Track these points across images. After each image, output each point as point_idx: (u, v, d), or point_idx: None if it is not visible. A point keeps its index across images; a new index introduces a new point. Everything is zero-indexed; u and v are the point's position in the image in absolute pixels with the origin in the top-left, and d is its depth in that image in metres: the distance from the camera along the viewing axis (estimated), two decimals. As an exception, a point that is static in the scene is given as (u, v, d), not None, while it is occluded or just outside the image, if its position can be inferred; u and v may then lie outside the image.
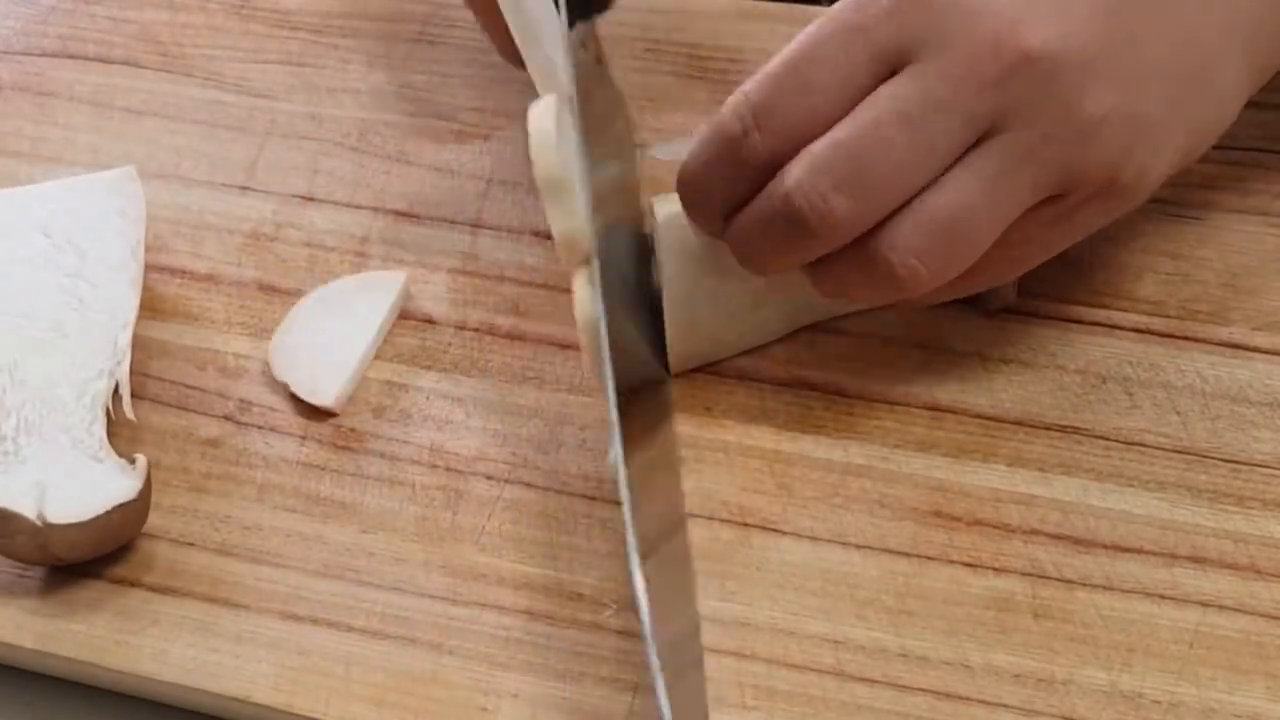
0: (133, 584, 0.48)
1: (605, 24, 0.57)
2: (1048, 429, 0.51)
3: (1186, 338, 0.53)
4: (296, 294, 0.56)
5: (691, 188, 0.49)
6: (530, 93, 0.53)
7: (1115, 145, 0.46)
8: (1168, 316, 0.54)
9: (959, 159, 0.46)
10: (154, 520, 0.49)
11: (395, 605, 0.47)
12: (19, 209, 0.57)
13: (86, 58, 0.67)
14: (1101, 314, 0.54)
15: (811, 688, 0.45)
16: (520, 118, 0.62)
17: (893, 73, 0.46)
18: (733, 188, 0.48)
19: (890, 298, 0.48)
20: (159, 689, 0.47)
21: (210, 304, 0.57)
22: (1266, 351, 0.53)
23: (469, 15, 0.65)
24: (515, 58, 0.57)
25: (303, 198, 0.60)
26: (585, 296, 0.46)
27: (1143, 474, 0.50)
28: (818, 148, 0.45)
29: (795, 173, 0.45)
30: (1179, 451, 0.50)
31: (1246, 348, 0.53)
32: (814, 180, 0.45)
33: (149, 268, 0.56)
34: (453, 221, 0.58)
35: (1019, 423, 0.51)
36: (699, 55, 0.63)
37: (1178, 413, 0.51)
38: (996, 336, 0.54)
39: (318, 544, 0.49)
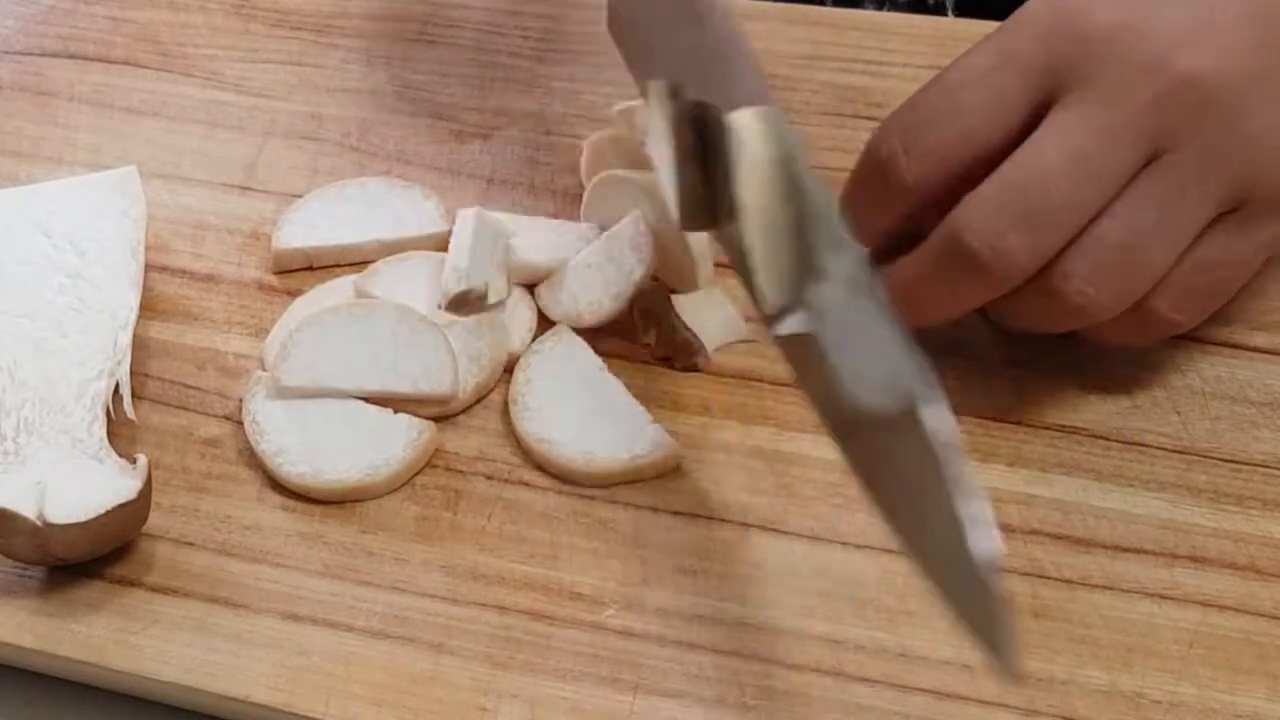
0: (133, 584, 0.48)
1: (600, 25, 0.58)
2: (1048, 429, 0.51)
3: (1187, 338, 0.53)
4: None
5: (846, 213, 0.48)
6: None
7: None
8: (1168, 316, 0.54)
9: (1127, 184, 0.46)
10: (154, 520, 0.49)
11: (395, 605, 0.47)
12: (19, 209, 0.57)
13: (86, 58, 0.67)
14: (1101, 314, 0.54)
15: (811, 687, 0.45)
16: (521, 117, 0.62)
17: (1046, 99, 0.46)
18: (884, 216, 0.48)
19: (1070, 326, 0.48)
20: (159, 689, 0.47)
21: (210, 304, 0.57)
22: (1266, 351, 0.53)
23: (469, 15, 0.65)
24: None
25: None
26: None
27: (1143, 474, 0.50)
28: (987, 189, 0.45)
29: (967, 214, 0.45)
30: (1179, 451, 0.50)
31: (1246, 348, 0.53)
32: (987, 221, 0.45)
33: (149, 268, 0.56)
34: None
35: (1019, 423, 0.51)
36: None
37: (1178, 413, 0.51)
38: (996, 336, 0.54)
39: (318, 544, 0.49)
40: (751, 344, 0.54)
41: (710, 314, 0.54)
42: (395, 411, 0.51)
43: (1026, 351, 0.53)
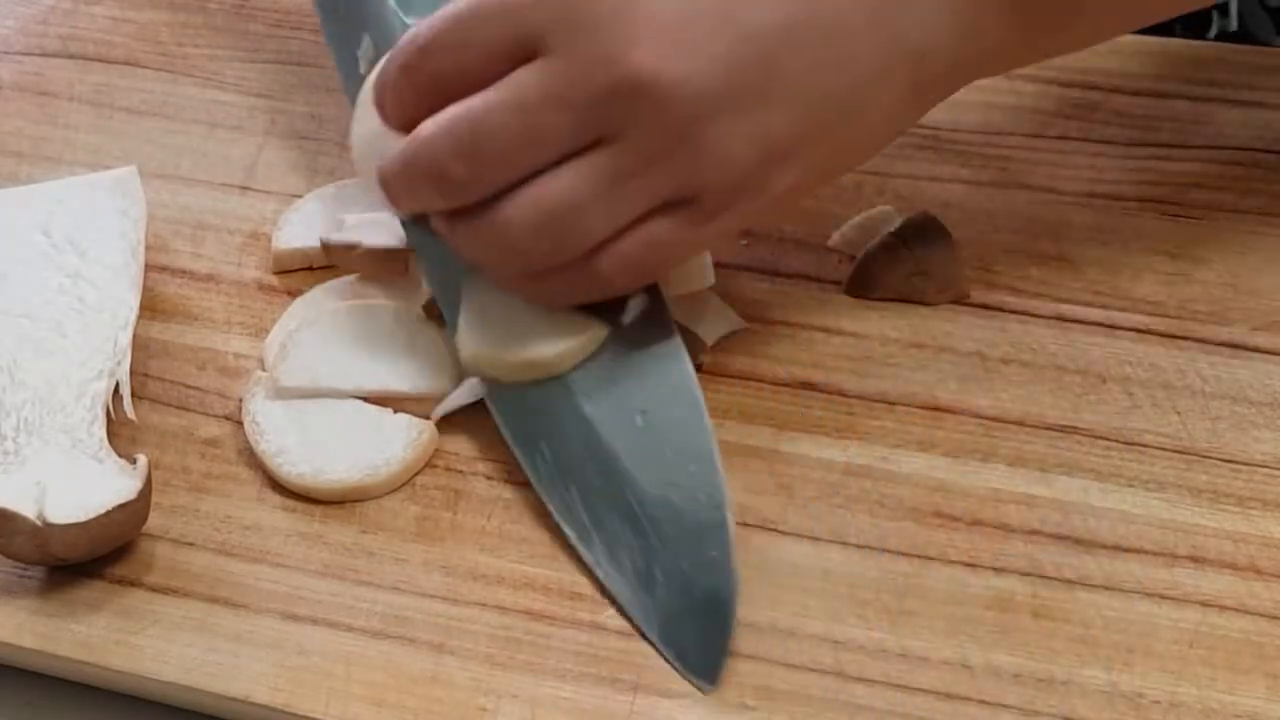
0: (133, 584, 0.48)
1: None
2: (1048, 429, 0.51)
3: (1186, 338, 0.53)
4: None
5: (377, 93, 0.51)
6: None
7: (738, 165, 0.47)
8: (1168, 316, 0.54)
9: (580, 153, 0.47)
10: (154, 520, 0.49)
11: (395, 605, 0.47)
12: (19, 209, 0.57)
13: (86, 58, 0.67)
14: (1101, 314, 0.54)
15: (811, 688, 0.45)
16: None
17: (527, 54, 0.47)
18: (403, 106, 0.50)
19: (515, 268, 0.49)
20: (159, 689, 0.47)
21: (210, 304, 0.57)
22: (1266, 351, 0.53)
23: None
24: None
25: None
26: None
27: (1143, 474, 0.50)
28: (450, 110, 0.48)
29: (428, 128, 0.48)
30: (1179, 451, 0.50)
31: (1246, 348, 0.53)
32: (438, 141, 0.48)
33: (149, 268, 0.56)
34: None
35: (1019, 423, 0.51)
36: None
37: (1178, 413, 0.51)
38: (996, 336, 0.54)
39: (318, 544, 0.49)
40: (752, 344, 0.54)
41: (707, 311, 0.54)
42: (395, 411, 0.51)
43: (1027, 351, 0.53)
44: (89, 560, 0.48)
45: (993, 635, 0.46)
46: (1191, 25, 0.69)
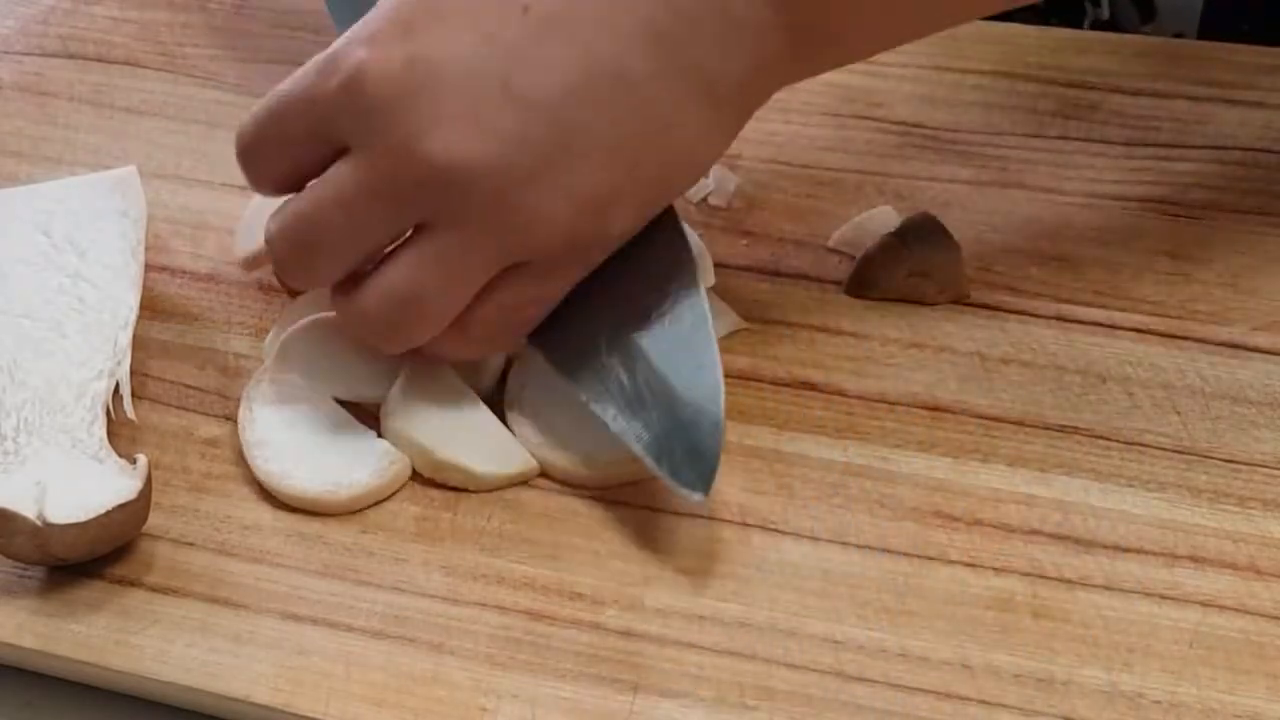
0: (133, 584, 0.48)
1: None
2: (1048, 429, 0.51)
3: (1186, 338, 0.53)
4: (297, 294, 0.56)
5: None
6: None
7: (561, 222, 0.48)
8: (1168, 316, 0.54)
9: (412, 239, 0.48)
10: (154, 520, 0.49)
11: (395, 605, 0.47)
12: (19, 209, 0.57)
13: (86, 58, 0.67)
14: (1101, 314, 0.54)
15: (811, 688, 0.45)
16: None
17: (343, 148, 0.48)
18: (262, 187, 0.52)
19: (389, 350, 0.50)
20: (159, 689, 0.47)
21: (210, 304, 0.57)
22: (1266, 351, 0.53)
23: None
24: None
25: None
26: None
27: (1143, 474, 0.50)
28: (289, 206, 0.50)
29: (270, 225, 0.50)
30: (1179, 451, 0.50)
31: (1246, 348, 0.53)
32: (279, 236, 0.50)
33: (149, 268, 0.56)
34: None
35: (1019, 423, 0.51)
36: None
37: (1178, 413, 0.51)
38: (996, 336, 0.54)
39: (318, 544, 0.49)
40: (752, 344, 0.54)
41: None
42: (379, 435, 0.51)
43: (1027, 351, 0.53)
44: (89, 560, 0.48)
45: (993, 635, 0.46)
46: (1067, 17, 0.71)
